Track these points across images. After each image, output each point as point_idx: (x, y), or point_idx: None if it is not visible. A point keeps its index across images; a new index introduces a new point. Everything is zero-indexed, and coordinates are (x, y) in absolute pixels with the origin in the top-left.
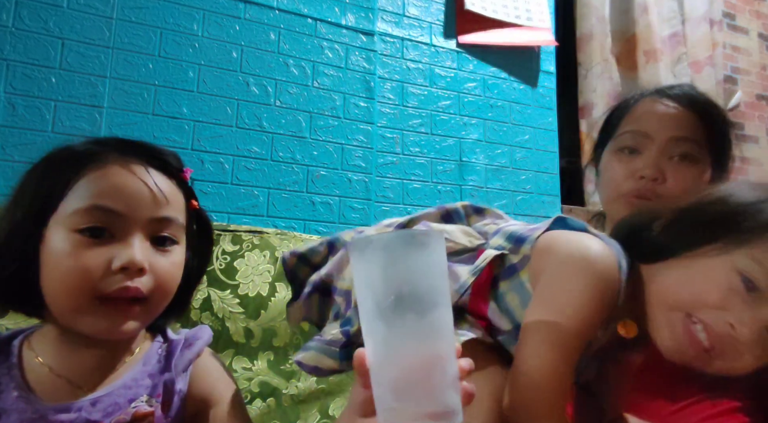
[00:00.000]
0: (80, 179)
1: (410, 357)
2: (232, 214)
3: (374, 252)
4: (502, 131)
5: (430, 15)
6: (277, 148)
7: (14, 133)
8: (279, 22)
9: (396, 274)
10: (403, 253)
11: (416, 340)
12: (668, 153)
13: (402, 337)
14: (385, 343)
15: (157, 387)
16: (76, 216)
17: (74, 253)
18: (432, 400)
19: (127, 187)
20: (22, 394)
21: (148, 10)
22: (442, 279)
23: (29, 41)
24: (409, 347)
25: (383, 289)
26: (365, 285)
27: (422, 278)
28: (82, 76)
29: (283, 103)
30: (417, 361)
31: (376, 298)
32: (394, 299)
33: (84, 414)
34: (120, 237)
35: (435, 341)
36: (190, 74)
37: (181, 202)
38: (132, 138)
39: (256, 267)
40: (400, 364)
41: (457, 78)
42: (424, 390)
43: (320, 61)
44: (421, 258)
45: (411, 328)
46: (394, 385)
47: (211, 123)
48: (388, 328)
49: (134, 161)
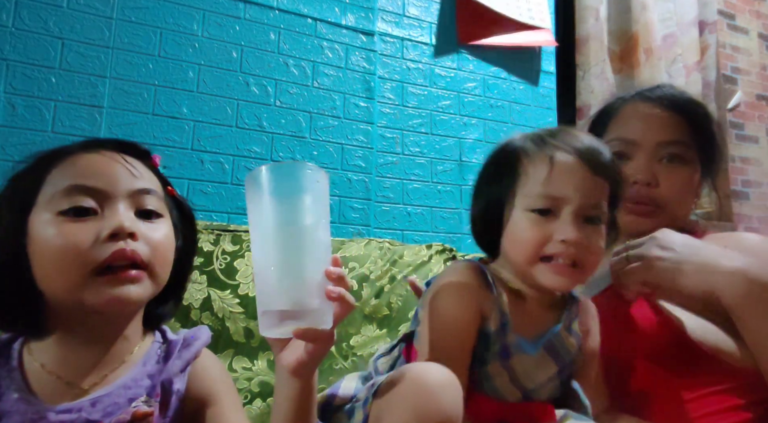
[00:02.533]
0: (52, 171)
1: (278, 264)
2: (232, 214)
3: (266, 178)
4: (502, 131)
5: (430, 15)
6: (277, 148)
7: (14, 133)
8: (279, 22)
9: (284, 197)
10: (291, 180)
11: (288, 251)
12: (657, 156)
13: (279, 247)
14: (264, 253)
15: (156, 387)
16: (57, 199)
17: (61, 232)
18: (291, 301)
19: (101, 164)
20: (23, 396)
21: (148, 10)
22: (320, 204)
23: (29, 41)
24: (281, 256)
25: (272, 208)
26: (258, 208)
27: (305, 202)
28: (82, 76)
29: (283, 103)
30: (282, 269)
31: (266, 217)
32: (281, 217)
33: (84, 414)
34: (104, 212)
35: (305, 252)
36: (190, 74)
37: (156, 182)
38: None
39: None
40: (267, 272)
41: (457, 78)
42: (284, 293)
43: (320, 61)
44: (306, 185)
45: (288, 240)
46: (261, 289)
47: (211, 123)
48: (268, 240)
49: (102, 147)
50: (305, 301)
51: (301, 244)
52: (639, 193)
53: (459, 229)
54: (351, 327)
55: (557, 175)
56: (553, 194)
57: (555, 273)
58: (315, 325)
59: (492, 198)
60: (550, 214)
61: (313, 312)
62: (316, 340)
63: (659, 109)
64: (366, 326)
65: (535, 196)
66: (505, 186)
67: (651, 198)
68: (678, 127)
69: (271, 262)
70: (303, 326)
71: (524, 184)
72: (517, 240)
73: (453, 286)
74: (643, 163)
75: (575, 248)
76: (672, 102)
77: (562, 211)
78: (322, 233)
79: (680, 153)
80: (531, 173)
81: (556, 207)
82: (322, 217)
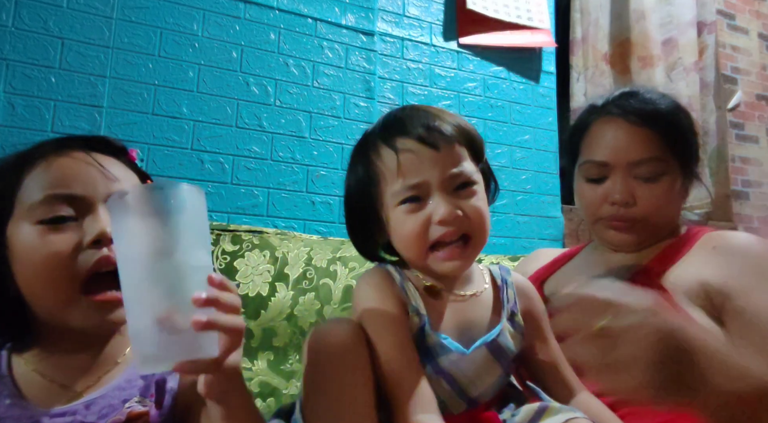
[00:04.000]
0: (25, 178)
1: (141, 298)
2: (232, 214)
3: (133, 203)
4: (502, 131)
5: (430, 15)
6: (277, 148)
7: (14, 133)
8: (279, 22)
9: (152, 225)
10: (157, 206)
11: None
12: (632, 174)
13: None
14: (127, 285)
15: (150, 387)
16: (35, 209)
17: (42, 242)
18: (158, 337)
19: (74, 170)
20: (15, 402)
21: (148, 10)
22: (190, 227)
23: (29, 41)
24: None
25: (133, 235)
26: (124, 235)
27: (175, 230)
28: (82, 76)
29: (283, 103)
30: (146, 302)
31: (127, 246)
32: (142, 246)
33: (79, 417)
34: (84, 218)
35: (168, 282)
36: (190, 74)
37: (134, 179)
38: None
39: (256, 267)
40: (132, 306)
41: (457, 78)
42: (151, 328)
43: (320, 61)
44: (176, 210)
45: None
46: (130, 323)
47: (211, 123)
48: (130, 272)
49: (72, 149)
50: (173, 336)
51: (163, 275)
52: (618, 213)
53: None
54: None
55: (407, 165)
56: (411, 183)
57: (446, 258)
58: (192, 357)
59: (361, 203)
60: (420, 200)
61: (186, 346)
62: (203, 370)
63: (627, 124)
64: None
65: (397, 190)
66: (370, 191)
67: (630, 217)
68: (649, 142)
69: (134, 297)
70: (179, 361)
71: (383, 183)
72: (402, 239)
73: (369, 290)
74: (619, 184)
75: (454, 224)
76: (640, 115)
77: (429, 194)
78: (192, 257)
79: (654, 169)
80: (385, 170)
81: (422, 193)
82: (192, 239)
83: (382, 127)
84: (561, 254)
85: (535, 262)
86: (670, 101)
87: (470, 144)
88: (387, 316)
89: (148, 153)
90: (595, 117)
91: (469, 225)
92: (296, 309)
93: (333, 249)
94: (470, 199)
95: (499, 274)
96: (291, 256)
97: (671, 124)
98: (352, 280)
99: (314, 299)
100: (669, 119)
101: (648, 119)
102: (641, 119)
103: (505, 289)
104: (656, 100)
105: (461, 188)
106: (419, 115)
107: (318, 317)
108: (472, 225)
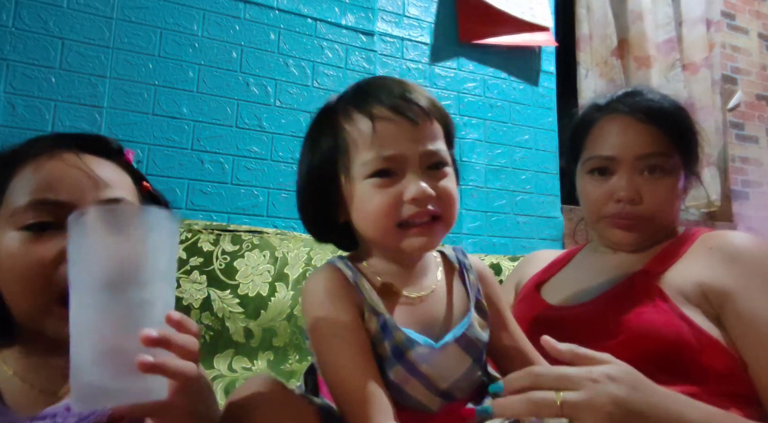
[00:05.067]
0: (13, 179)
1: (88, 328)
2: (232, 214)
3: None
4: (502, 131)
5: (430, 15)
6: (277, 148)
7: (14, 133)
8: (279, 22)
9: (110, 250)
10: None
11: (101, 313)
12: (638, 170)
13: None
14: (75, 312)
15: None
16: (19, 214)
17: (25, 249)
18: (100, 374)
19: (62, 175)
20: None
21: (148, 10)
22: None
23: (29, 41)
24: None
25: (89, 259)
26: (79, 257)
27: (135, 258)
28: (82, 76)
29: (283, 103)
30: (93, 333)
31: (81, 268)
32: (97, 271)
33: (59, 419)
34: None
35: (121, 315)
36: (190, 74)
37: (127, 183)
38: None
39: (256, 267)
40: (77, 335)
41: (457, 78)
42: (94, 363)
43: (320, 61)
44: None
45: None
46: (72, 353)
47: (211, 123)
48: (81, 298)
49: (63, 150)
50: (119, 377)
51: (116, 306)
52: (624, 211)
53: (458, 229)
54: None
55: (383, 134)
56: (386, 154)
57: (418, 234)
58: (139, 400)
59: (322, 176)
60: (391, 175)
61: (133, 388)
62: (151, 413)
63: (634, 121)
64: None
65: (369, 160)
66: (335, 161)
67: (636, 214)
68: (655, 137)
69: (80, 328)
70: (120, 403)
71: (353, 151)
72: (368, 215)
73: (319, 294)
74: (625, 180)
75: (426, 204)
76: (646, 113)
77: (404, 170)
78: (151, 291)
79: (661, 164)
80: (358, 137)
81: (395, 167)
82: (154, 272)
83: (354, 95)
84: (558, 256)
85: (532, 264)
86: (673, 101)
87: (445, 124)
88: (339, 324)
89: (148, 153)
90: (600, 114)
91: (441, 206)
92: (296, 309)
93: (333, 249)
94: (443, 180)
95: (455, 257)
96: (291, 256)
97: (675, 123)
98: None
99: None
100: (674, 118)
101: (654, 116)
102: (647, 116)
103: (466, 276)
104: (660, 99)
105: (435, 168)
106: (395, 85)
107: None
108: (443, 206)
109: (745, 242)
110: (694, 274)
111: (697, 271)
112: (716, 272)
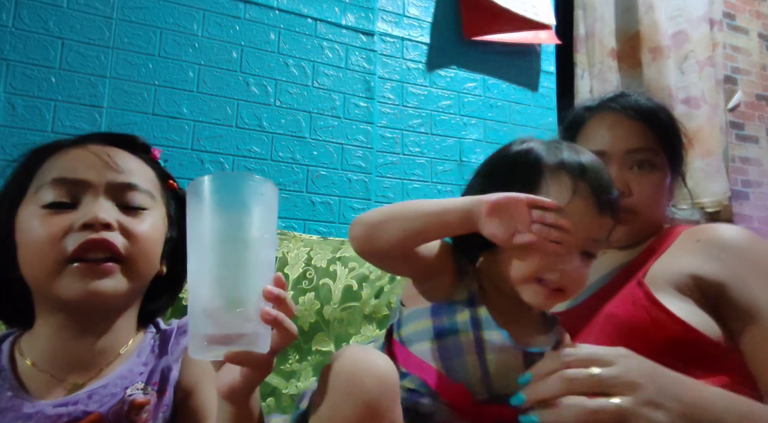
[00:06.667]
0: (42, 165)
1: (210, 283)
2: None
3: (207, 188)
4: (502, 131)
5: (430, 15)
6: (277, 148)
7: (14, 133)
8: (279, 22)
9: (224, 210)
10: (233, 192)
11: (222, 268)
12: (627, 164)
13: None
14: (196, 269)
15: (154, 374)
16: (41, 192)
17: (41, 223)
18: (221, 323)
19: (85, 158)
20: (16, 394)
21: (148, 10)
22: (264, 218)
23: (29, 41)
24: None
25: (209, 220)
26: (195, 219)
27: (246, 216)
28: (82, 76)
29: (283, 103)
30: (214, 287)
31: (202, 230)
32: (218, 231)
33: (81, 406)
34: (84, 204)
35: (240, 270)
36: (190, 74)
37: (149, 175)
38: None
39: None
40: (199, 290)
41: (457, 78)
42: (214, 314)
43: (320, 61)
44: (248, 198)
45: (225, 258)
46: (192, 310)
47: (211, 123)
48: (201, 255)
49: (92, 143)
50: (237, 323)
51: (237, 261)
52: None
53: None
54: (351, 327)
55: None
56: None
57: (542, 296)
58: (248, 348)
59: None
60: None
61: (247, 335)
62: (250, 364)
63: (625, 118)
64: (366, 326)
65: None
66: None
67: (625, 207)
68: (644, 134)
69: (202, 280)
70: (234, 350)
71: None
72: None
73: None
74: (615, 173)
75: (567, 278)
76: (636, 111)
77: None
78: (264, 250)
79: (649, 159)
80: (549, 193)
81: None
82: (265, 232)
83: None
84: None
85: None
86: (659, 103)
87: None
88: None
89: None
90: (590, 114)
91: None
92: (296, 309)
93: (333, 249)
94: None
95: None
96: (291, 256)
97: (663, 123)
98: (351, 280)
99: (314, 299)
100: (661, 117)
101: (643, 114)
102: (637, 113)
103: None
104: (648, 100)
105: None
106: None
107: (318, 317)
108: (574, 285)
109: (732, 233)
110: (684, 266)
111: (686, 263)
112: (708, 264)
